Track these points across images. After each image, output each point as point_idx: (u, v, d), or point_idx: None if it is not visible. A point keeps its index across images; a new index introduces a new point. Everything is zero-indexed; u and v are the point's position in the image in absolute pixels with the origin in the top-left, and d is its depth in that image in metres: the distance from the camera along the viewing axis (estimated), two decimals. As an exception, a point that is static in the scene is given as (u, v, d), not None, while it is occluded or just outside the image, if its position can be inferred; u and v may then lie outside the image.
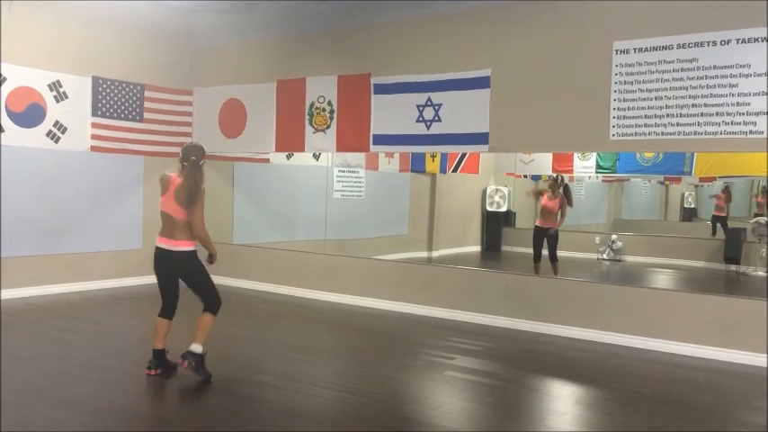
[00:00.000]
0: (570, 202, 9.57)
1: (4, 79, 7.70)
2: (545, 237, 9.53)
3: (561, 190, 9.49)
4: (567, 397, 5.00)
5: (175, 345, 5.13)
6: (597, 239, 13.29)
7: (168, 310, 5.16)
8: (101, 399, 4.64)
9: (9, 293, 7.82)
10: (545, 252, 9.54)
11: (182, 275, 5.08)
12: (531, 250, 9.68)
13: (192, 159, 4.95)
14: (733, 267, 11.41)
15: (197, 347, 4.96)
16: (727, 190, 13.08)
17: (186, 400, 4.66)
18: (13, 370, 5.11)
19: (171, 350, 5.14)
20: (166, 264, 5.05)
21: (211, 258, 5.18)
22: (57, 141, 8.23)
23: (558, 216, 9.52)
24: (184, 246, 4.99)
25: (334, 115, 8.29)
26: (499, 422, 4.37)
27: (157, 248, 5.05)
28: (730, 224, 12.70)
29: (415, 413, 4.49)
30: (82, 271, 8.58)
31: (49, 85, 8.12)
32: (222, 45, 9.45)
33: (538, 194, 9.98)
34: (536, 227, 9.74)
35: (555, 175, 9.86)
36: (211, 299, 5.09)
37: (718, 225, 13.01)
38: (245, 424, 4.17)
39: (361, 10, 8.06)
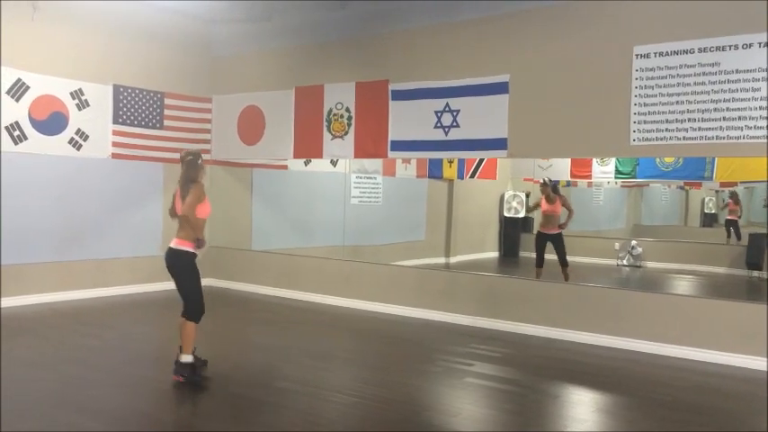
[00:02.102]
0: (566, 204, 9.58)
1: (27, 87, 7.82)
2: (547, 242, 9.48)
3: (552, 190, 9.48)
4: (588, 404, 4.95)
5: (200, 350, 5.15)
6: (617, 245, 13.18)
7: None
8: (122, 404, 4.67)
9: (30, 299, 7.93)
10: (553, 257, 9.50)
11: (171, 273, 5.16)
12: (549, 256, 9.63)
13: (189, 159, 5.13)
14: (755, 273, 11.26)
15: (186, 357, 5.02)
16: (734, 195, 13.07)
17: (205, 406, 4.68)
18: (34, 375, 5.17)
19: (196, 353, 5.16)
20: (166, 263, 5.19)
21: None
22: (79, 149, 8.33)
23: (564, 218, 9.49)
24: (179, 245, 5.09)
25: (352, 122, 8.31)
26: (519, 429, 4.33)
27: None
28: (753, 230, 12.56)
29: (435, 420, 4.47)
30: (102, 277, 8.66)
31: (71, 94, 8.23)
32: (241, 53, 9.52)
33: (535, 207, 10.01)
34: (538, 232, 9.74)
35: (543, 179, 9.77)
36: (191, 306, 5.10)
37: (731, 229, 13.02)
38: (264, 429, 4.17)
39: (380, 17, 8.08)
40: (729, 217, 13.31)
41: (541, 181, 9.71)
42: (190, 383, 4.98)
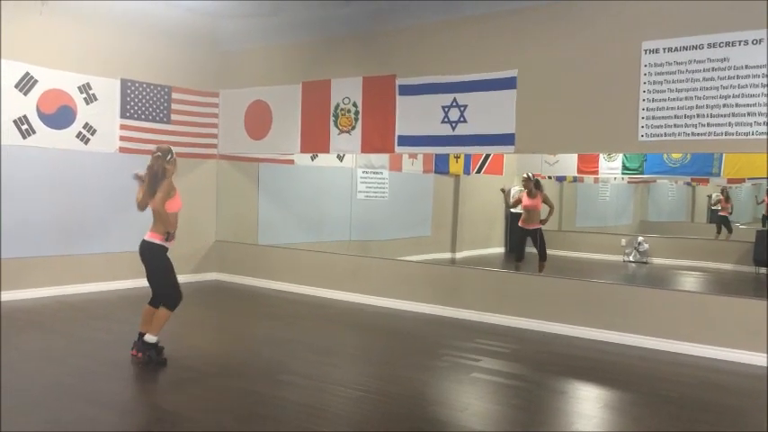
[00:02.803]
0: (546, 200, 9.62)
1: (36, 81, 7.84)
2: (527, 237, 9.50)
3: (534, 185, 9.51)
4: (595, 400, 4.95)
5: (197, 342, 5.17)
6: (623, 241, 13.16)
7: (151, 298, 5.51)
8: (131, 396, 4.70)
9: (39, 292, 7.97)
10: (532, 251, 9.56)
11: (144, 264, 5.39)
12: (555, 252, 9.64)
13: (157, 155, 5.32)
14: (763, 270, 11.22)
15: (150, 338, 5.32)
16: (724, 191, 13.17)
17: (212, 399, 4.70)
18: (44, 368, 5.20)
19: (194, 345, 5.18)
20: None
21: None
22: (86, 143, 8.36)
23: (546, 213, 9.55)
24: (151, 238, 5.33)
25: (359, 116, 8.31)
26: (527, 425, 4.34)
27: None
28: (759, 227, 12.59)
29: (442, 415, 4.48)
30: (110, 271, 8.70)
31: (79, 88, 8.25)
32: (248, 48, 9.52)
33: (516, 204, 9.99)
34: (517, 227, 9.74)
35: (526, 174, 9.75)
36: (166, 294, 5.35)
37: (722, 224, 13.20)
38: (270, 423, 4.19)
39: (387, 12, 8.06)
40: (721, 213, 13.38)
41: (524, 176, 9.69)
42: (154, 363, 5.26)
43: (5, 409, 4.24)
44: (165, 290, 5.39)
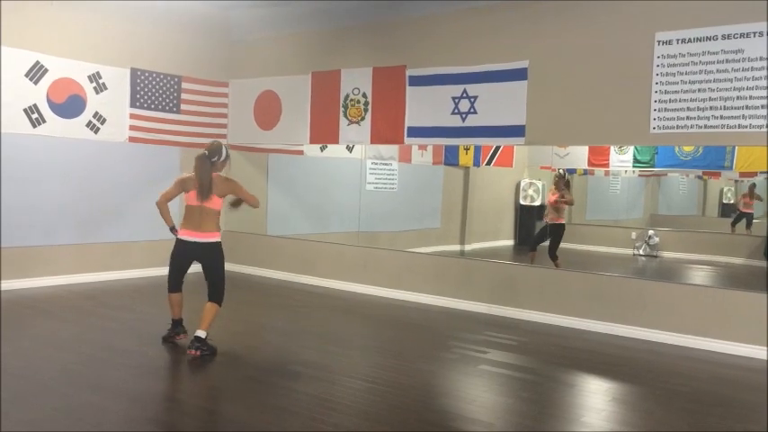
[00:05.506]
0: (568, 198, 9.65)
1: (46, 70, 7.86)
2: (551, 231, 9.55)
3: (565, 184, 9.55)
4: (605, 393, 4.92)
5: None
6: (633, 235, 13.08)
7: (178, 286, 5.67)
8: (139, 385, 4.71)
9: (48, 281, 8.02)
10: (545, 244, 9.58)
11: (208, 263, 5.50)
12: (565, 245, 9.62)
13: (203, 155, 5.58)
14: (774, 263, 11.12)
15: (202, 333, 5.33)
16: (752, 187, 13.05)
17: (221, 388, 4.71)
18: (52, 355, 5.23)
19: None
20: (193, 254, 5.48)
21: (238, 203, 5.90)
22: (96, 132, 8.38)
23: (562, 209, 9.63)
24: (213, 237, 5.50)
25: (369, 107, 8.28)
26: (535, 417, 4.32)
27: (183, 241, 5.50)
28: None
29: (450, 407, 4.47)
30: (120, 260, 8.74)
31: (89, 77, 8.26)
32: (258, 38, 9.50)
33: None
34: (550, 223, 9.71)
35: (561, 170, 9.77)
36: (220, 290, 5.48)
37: (744, 220, 12.97)
38: (279, 414, 4.19)
39: (398, 3, 8.01)
40: (743, 210, 13.31)
41: (560, 172, 9.76)
42: (208, 354, 5.30)
43: (14, 395, 4.27)
44: (221, 285, 5.49)
